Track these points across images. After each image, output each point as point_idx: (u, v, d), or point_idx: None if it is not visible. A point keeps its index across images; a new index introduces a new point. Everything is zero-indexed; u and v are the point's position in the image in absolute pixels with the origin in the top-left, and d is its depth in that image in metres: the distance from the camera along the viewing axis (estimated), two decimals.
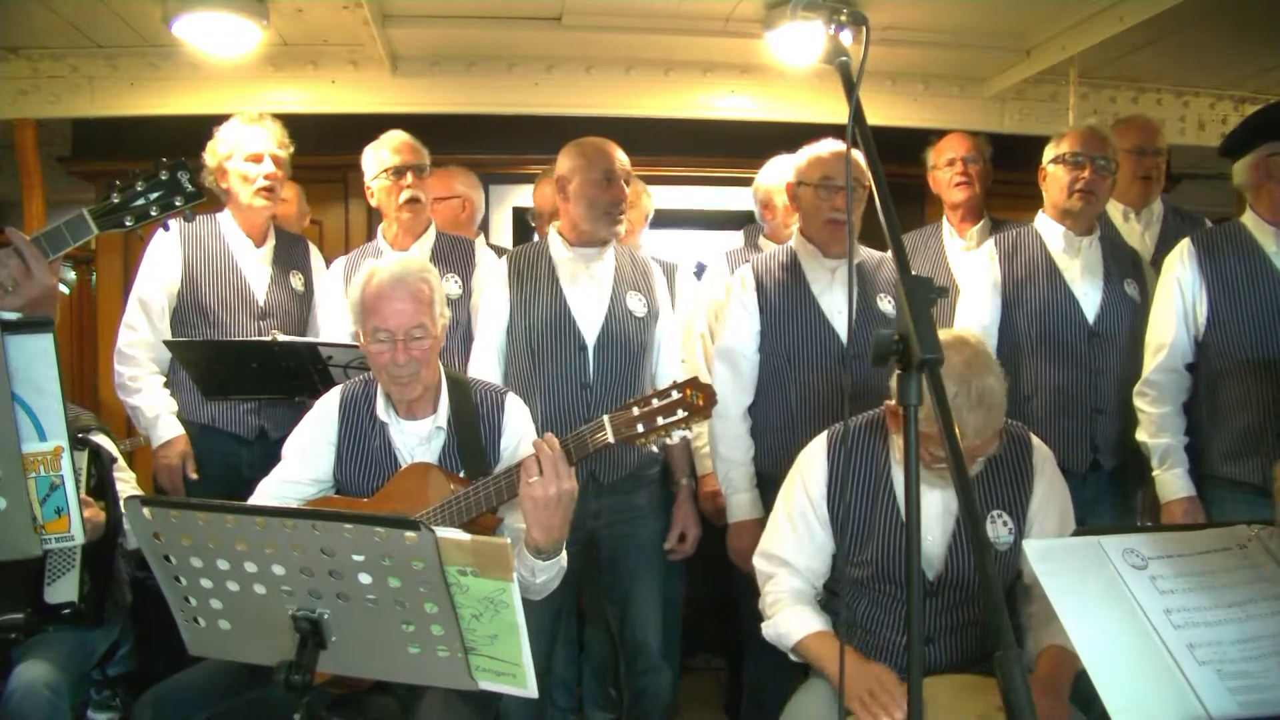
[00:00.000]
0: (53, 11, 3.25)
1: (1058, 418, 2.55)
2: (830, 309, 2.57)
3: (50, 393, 1.43)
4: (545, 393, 2.51)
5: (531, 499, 1.81)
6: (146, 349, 2.77)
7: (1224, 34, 3.40)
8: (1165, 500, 2.51)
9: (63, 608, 2.37)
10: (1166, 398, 2.53)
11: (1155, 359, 2.55)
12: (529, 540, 1.86)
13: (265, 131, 2.81)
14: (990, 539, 1.95)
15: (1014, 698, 1.00)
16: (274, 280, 2.90)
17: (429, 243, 2.95)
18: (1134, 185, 3.00)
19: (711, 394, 1.85)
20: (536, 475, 1.80)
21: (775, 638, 1.99)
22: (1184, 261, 2.53)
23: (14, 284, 1.62)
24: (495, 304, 2.62)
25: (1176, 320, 2.52)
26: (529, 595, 1.93)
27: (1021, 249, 2.68)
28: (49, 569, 2.38)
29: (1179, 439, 2.52)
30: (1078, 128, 2.68)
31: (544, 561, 1.88)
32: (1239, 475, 2.44)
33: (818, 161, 2.57)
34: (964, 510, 1.17)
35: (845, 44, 1.39)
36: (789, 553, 2.04)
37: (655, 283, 2.66)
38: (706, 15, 3.47)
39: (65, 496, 1.45)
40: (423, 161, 2.93)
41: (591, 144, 2.56)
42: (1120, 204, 3.03)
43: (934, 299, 1.19)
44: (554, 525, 1.84)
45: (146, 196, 1.73)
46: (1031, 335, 2.60)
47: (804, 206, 2.61)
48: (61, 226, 1.69)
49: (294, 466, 2.15)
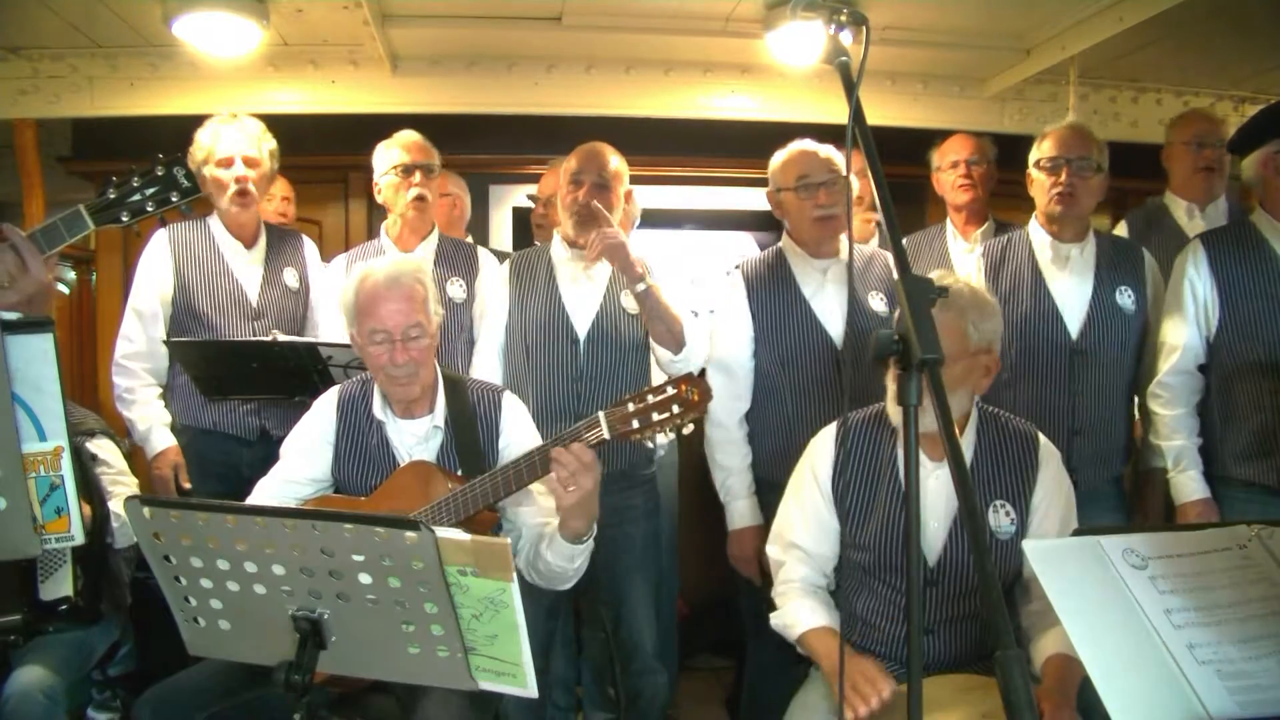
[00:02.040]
0: (53, 11, 3.25)
1: None
2: (822, 311, 2.55)
3: (50, 393, 1.44)
4: (538, 385, 2.54)
5: (574, 504, 1.85)
6: (143, 360, 2.79)
7: (1224, 34, 3.39)
8: (1180, 503, 2.50)
9: (59, 604, 2.37)
10: (1180, 400, 2.52)
11: (1168, 361, 2.52)
12: (567, 529, 1.91)
13: (237, 133, 2.77)
14: (991, 528, 1.96)
15: (1014, 698, 1.00)
16: (266, 280, 2.89)
17: (433, 244, 2.95)
18: (1195, 178, 2.96)
19: (706, 389, 1.86)
20: (572, 486, 1.83)
21: (781, 628, 2.01)
22: (1195, 262, 2.50)
23: (10, 279, 1.62)
24: (495, 305, 2.66)
25: (1188, 322, 2.50)
26: (564, 584, 2.03)
27: (1010, 259, 2.63)
28: (41, 567, 2.38)
29: (1192, 441, 2.51)
30: (1056, 128, 2.62)
31: (580, 546, 1.94)
32: (1252, 476, 2.43)
33: (788, 164, 2.57)
34: (964, 511, 1.17)
35: (845, 44, 1.39)
36: (798, 535, 2.05)
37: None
38: (706, 15, 3.46)
39: (65, 496, 1.46)
40: (432, 162, 2.94)
41: (579, 148, 2.60)
42: (1184, 200, 3.00)
43: (934, 299, 1.19)
44: (592, 510, 1.91)
45: (143, 192, 1.74)
46: (1012, 353, 2.53)
47: (789, 212, 2.60)
48: (58, 222, 1.70)
49: (292, 466, 2.15)
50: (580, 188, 2.52)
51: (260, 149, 2.80)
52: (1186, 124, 3.00)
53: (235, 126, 2.78)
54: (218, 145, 2.75)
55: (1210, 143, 2.94)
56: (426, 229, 2.96)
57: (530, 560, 2.04)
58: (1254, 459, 2.42)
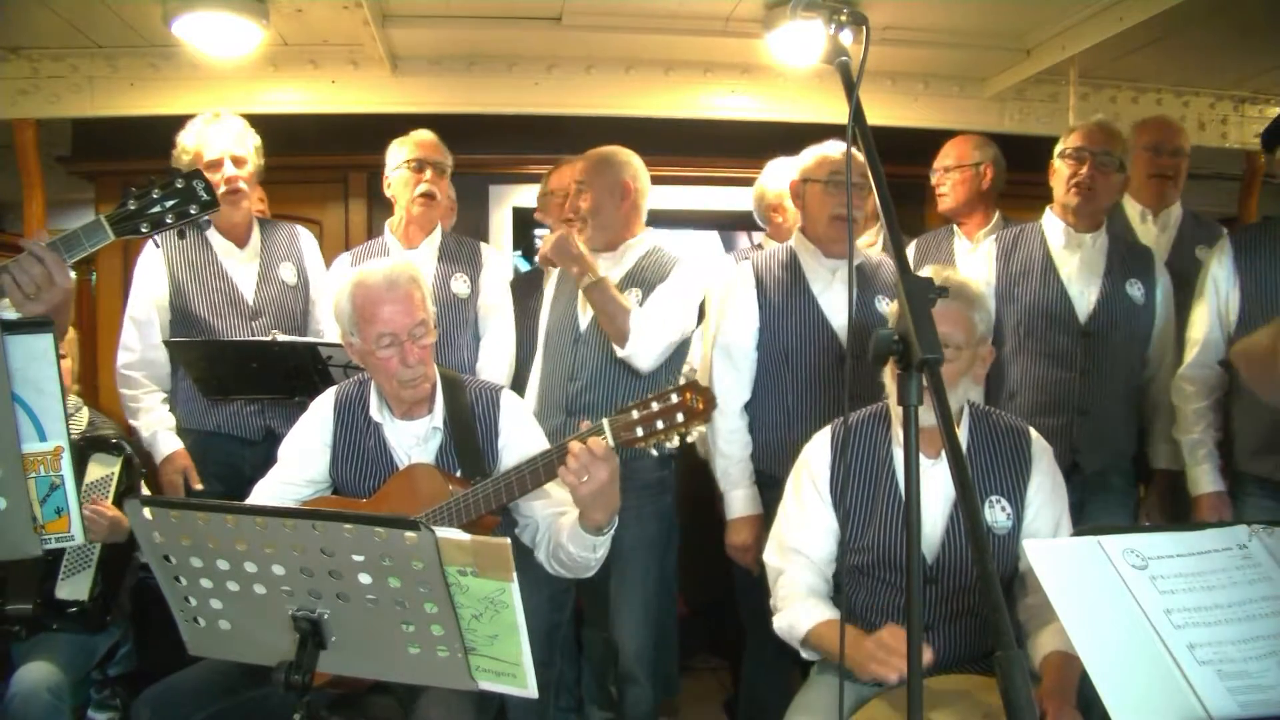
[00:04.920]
0: (53, 11, 3.25)
1: (1039, 416, 2.51)
2: (829, 308, 2.57)
3: (50, 393, 1.44)
4: (543, 383, 2.64)
5: (588, 495, 1.84)
6: (143, 368, 2.78)
7: (1224, 34, 3.40)
8: (1194, 495, 2.53)
9: (70, 605, 2.39)
10: (1200, 393, 2.53)
11: (1190, 354, 2.55)
12: (588, 521, 1.90)
13: (221, 133, 2.76)
14: (988, 523, 1.97)
15: (1014, 698, 1.00)
16: (262, 277, 2.88)
17: (436, 241, 2.96)
18: (1148, 184, 2.98)
19: (711, 398, 1.84)
20: (585, 476, 1.81)
21: (785, 631, 1.99)
22: (1220, 258, 2.53)
23: (36, 290, 1.65)
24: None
25: (1211, 316, 2.52)
26: (587, 573, 2.03)
27: (1022, 245, 2.69)
28: (64, 565, 2.40)
29: (1210, 434, 2.52)
30: (1086, 123, 2.67)
31: (602, 536, 1.93)
32: (1263, 472, 2.44)
33: (826, 160, 2.59)
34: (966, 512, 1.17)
35: (845, 44, 1.39)
36: (799, 540, 2.04)
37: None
38: (706, 15, 3.46)
39: (65, 496, 1.46)
40: (444, 161, 2.95)
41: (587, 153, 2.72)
42: (1138, 204, 3.02)
43: (934, 299, 1.20)
44: (611, 501, 1.89)
45: (163, 204, 1.75)
46: (1020, 332, 2.60)
47: (808, 204, 2.61)
48: (79, 231, 1.72)
49: (290, 468, 2.15)
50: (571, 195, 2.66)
51: (246, 146, 2.78)
52: (1145, 129, 3.01)
53: (219, 126, 2.76)
54: (204, 147, 2.73)
55: (1166, 150, 2.96)
56: (431, 226, 2.97)
57: (550, 551, 2.04)
58: (1265, 455, 2.43)
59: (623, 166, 2.65)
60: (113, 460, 2.56)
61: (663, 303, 2.53)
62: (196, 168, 2.69)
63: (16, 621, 2.32)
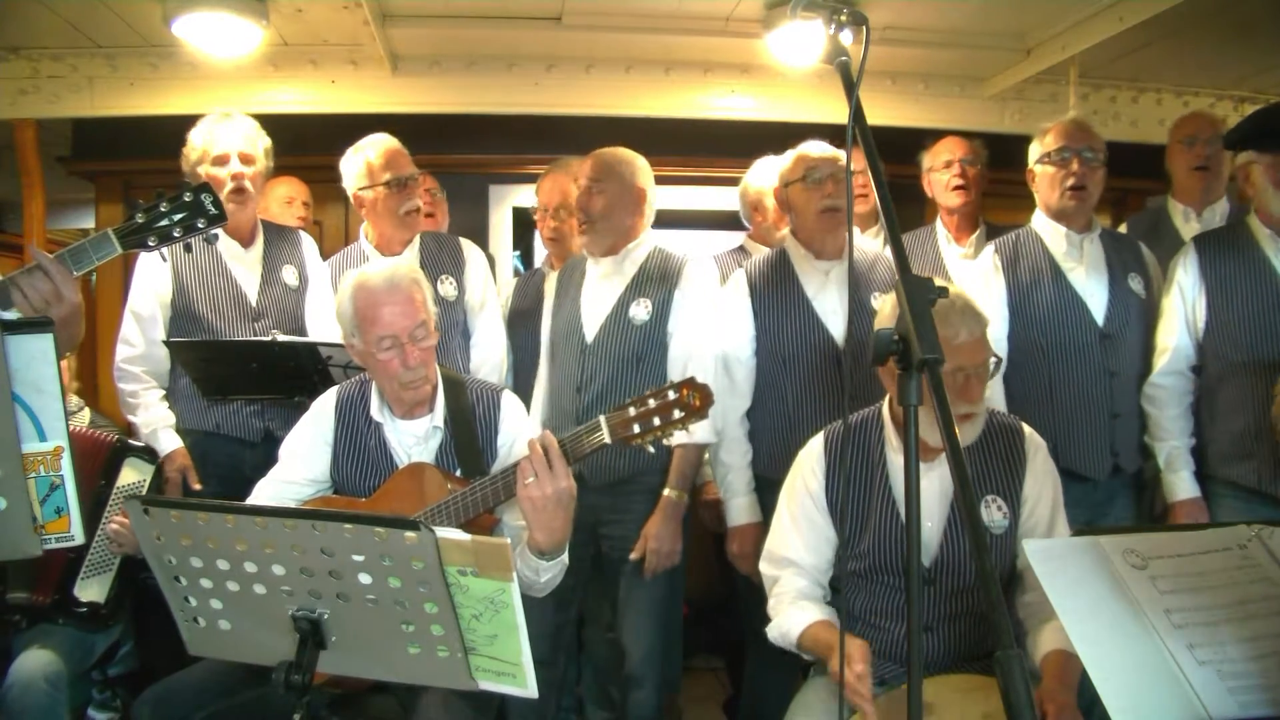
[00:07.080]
0: (53, 11, 3.25)
1: (1075, 424, 2.50)
2: (824, 310, 2.56)
3: (50, 393, 1.44)
4: (551, 393, 2.69)
5: (529, 500, 1.78)
6: (143, 363, 2.77)
7: (1224, 34, 3.40)
8: (1170, 502, 2.52)
9: (84, 605, 2.38)
10: (1171, 400, 2.53)
11: (1160, 362, 2.54)
12: (532, 541, 1.84)
13: (231, 130, 2.75)
14: (985, 523, 1.96)
15: (1014, 698, 1.00)
16: (265, 279, 2.87)
17: (415, 246, 2.92)
18: (1190, 179, 2.92)
19: (708, 394, 1.83)
20: (532, 476, 1.77)
21: (779, 637, 1.99)
22: (1185, 264, 2.52)
23: (44, 304, 1.65)
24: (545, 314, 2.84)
25: (1179, 323, 2.52)
26: (533, 593, 1.92)
27: (1024, 254, 2.63)
28: (87, 564, 2.40)
29: (1184, 441, 2.52)
30: (1059, 121, 2.62)
31: (547, 561, 1.87)
32: (1235, 477, 2.44)
33: (798, 160, 2.59)
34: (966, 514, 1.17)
35: (845, 44, 1.39)
36: (794, 551, 2.04)
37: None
38: (706, 15, 3.47)
39: (65, 496, 1.46)
40: (413, 169, 2.88)
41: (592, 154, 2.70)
42: (1181, 205, 2.97)
43: (933, 299, 1.19)
44: (555, 526, 1.81)
45: (170, 217, 1.75)
46: (1043, 342, 2.55)
47: (795, 205, 2.61)
48: (86, 244, 1.73)
49: (290, 467, 2.15)
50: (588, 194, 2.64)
51: (256, 146, 2.78)
52: (1182, 123, 2.99)
53: (229, 124, 2.75)
54: (213, 143, 2.72)
55: (1202, 138, 2.90)
56: (412, 235, 2.93)
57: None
58: (1237, 460, 2.43)
59: (638, 170, 2.65)
60: (146, 467, 2.57)
61: (707, 366, 2.50)
62: (203, 165, 2.72)
63: (17, 611, 2.32)
